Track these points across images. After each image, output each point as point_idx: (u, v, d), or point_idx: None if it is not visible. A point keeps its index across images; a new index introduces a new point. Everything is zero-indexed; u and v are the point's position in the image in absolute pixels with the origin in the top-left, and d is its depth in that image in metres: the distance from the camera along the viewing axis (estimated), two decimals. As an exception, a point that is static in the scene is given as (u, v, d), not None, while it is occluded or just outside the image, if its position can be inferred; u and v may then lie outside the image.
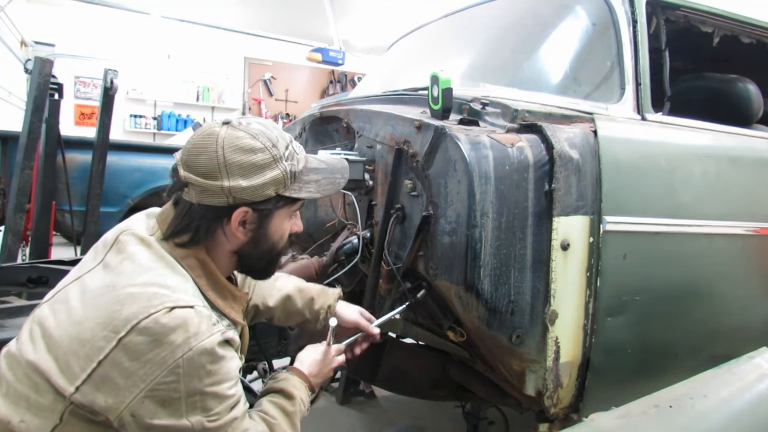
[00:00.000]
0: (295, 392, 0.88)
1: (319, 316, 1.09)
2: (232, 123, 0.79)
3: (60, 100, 2.90)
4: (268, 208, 0.80)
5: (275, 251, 0.86)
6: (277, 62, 8.31)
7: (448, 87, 1.05)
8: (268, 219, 0.82)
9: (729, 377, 0.90)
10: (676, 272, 1.21)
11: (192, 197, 0.78)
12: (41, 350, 0.72)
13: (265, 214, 0.81)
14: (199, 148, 0.77)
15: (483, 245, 1.00)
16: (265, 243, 0.84)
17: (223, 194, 0.77)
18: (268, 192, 0.79)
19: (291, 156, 0.82)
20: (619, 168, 1.11)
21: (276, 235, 0.85)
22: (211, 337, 0.71)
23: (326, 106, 1.64)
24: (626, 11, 1.28)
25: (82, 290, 0.75)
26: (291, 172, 0.81)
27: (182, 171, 0.78)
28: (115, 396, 0.68)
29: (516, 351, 1.06)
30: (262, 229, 0.82)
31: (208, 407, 0.72)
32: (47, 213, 2.87)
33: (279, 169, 0.79)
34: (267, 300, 1.08)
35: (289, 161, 0.81)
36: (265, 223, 0.82)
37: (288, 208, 0.84)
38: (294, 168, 0.82)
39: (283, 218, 0.85)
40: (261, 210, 0.80)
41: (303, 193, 0.83)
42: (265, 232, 0.83)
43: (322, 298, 1.10)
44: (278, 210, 0.82)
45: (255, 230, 0.82)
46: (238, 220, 0.79)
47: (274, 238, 0.84)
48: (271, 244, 0.85)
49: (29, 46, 6.17)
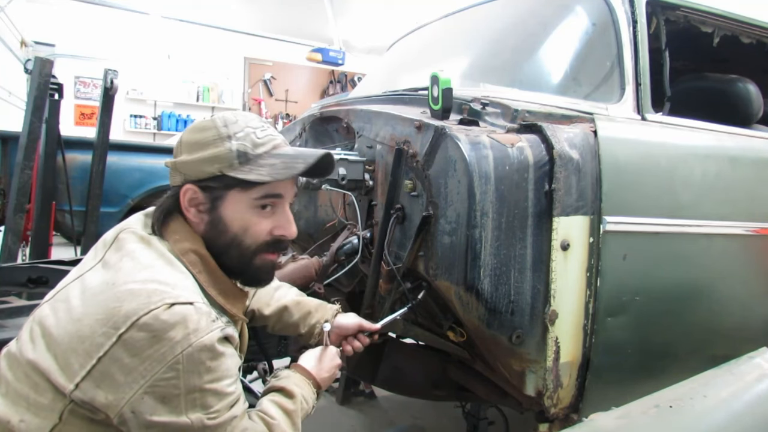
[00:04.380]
0: (296, 390, 0.87)
1: (313, 331, 1.06)
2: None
3: (60, 100, 2.90)
4: (213, 186, 0.79)
5: (242, 245, 0.81)
6: (277, 62, 8.31)
7: (448, 87, 1.05)
8: (219, 201, 0.79)
9: (729, 377, 0.90)
10: (677, 272, 1.21)
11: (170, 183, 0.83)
12: (41, 349, 0.72)
13: (216, 196, 0.79)
14: None
15: (483, 245, 0.99)
16: (224, 230, 0.80)
17: (176, 172, 0.80)
18: (209, 169, 0.78)
19: (245, 137, 0.79)
20: (619, 168, 1.10)
21: (235, 223, 0.80)
22: (211, 334, 0.71)
23: (326, 107, 1.64)
24: (626, 11, 1.28)
25: (82, 289, 0.75)
26: (238, 151, 0.78)
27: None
28: (115, 392, 0.68)
29: (516, 351, 1.06)
30: (215, 211, 0.80)
31: (208, 404, 0.72)
32: (47, 213, 2.87)
33: (223, 147, 0.78)
34: (263, 308, 1.07)
35: (239, 141, 0.78)
36: (218, 205, 0.79)
37: (243, 193, 0.79)
38: (245, 148, 0.78)
39: (240, 204, 0.79)
40: (209, 189, 0.79)
41: (252, 175, 0.78)
42: (220, 216, 0.80)
43: (320, 313, 1.07)
44: (229, 192, 0.79)
45: (209, 212, 0.80)
46: (186, 198, 0.80)
47: (233, 227, 0.80)
48: (233, 235, 0.80)
49: (29, 46, 6.17)
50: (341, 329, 1.06)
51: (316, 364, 0.94)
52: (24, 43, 6.25)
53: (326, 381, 0.95)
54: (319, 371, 0.93)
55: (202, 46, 7.62)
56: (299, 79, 8.55)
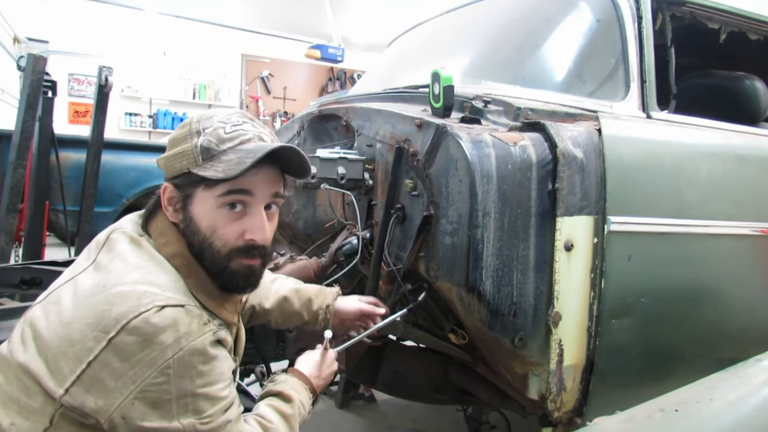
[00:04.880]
0: (293, 395, 0.86)
1: (317, 317, 1.07)
2: None
3: (53, 98, 2.88)
4: (182, 184, 0.77)
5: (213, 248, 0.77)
6: (275, 59, 8.27)
7: (449, 84, 1.04)
8: (190, 199, 0.77)
9: (736, 380, 0.90)
10: (682, 273, 1.20)
11: None
12: (32, 352, 0.70)
13: (187, 194, 0.77)
14: None
15: (485, 246, 0.98)
16: (196, 230, 0.77)
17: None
18: (178, 165, 0.76)
19: (212, 132, 0.76)
20: (623, 167, 1.09)
21: (203, 223, 0.76)
22: (202, 337, 0.70)
23: (325, 104, 1.63)
24: (631, 7, 1.27)
25: (74, 291, 0.73)
26: (202, 146, 0.75)
27: None
28: (105, 397, 0.67)
29: (519, 354, 1.05)
30: (186, 210, 0.78)
31: (200, 409, 0.70)
32: (40, 213, 2.86)
33: (190, 143, 0.76)
34: (263, 302, 1.06)
35: (205, 136, 0.75)
36: (188, 203, 0.77)
37: (208, 192, 0.75)
38: (208, 144, 0.75)
39: (206, 203, 0.76)
40: (179, 187, 0.77)
41: (209, 172, 0.74)
42: (191, 215, 0.77)
43: (320, 298, 1.08)
44: (197, 190, 0.76)
45: (181, 211, 0.78)
46: (166, 197, 0.79)
47: (202, 227, 0.76)
48: (203, 236, 0.77)
49: (22, 43, 6.12)
50: (342, 314, 1.07)
51: (314, 370, 0.93)
52: (17, 39, 6.20)
53: (322, 387, 0.95)
54: (316, 377, 0.92)
55: (198, 42, 7.57)
56: (297, 76, 8.50)
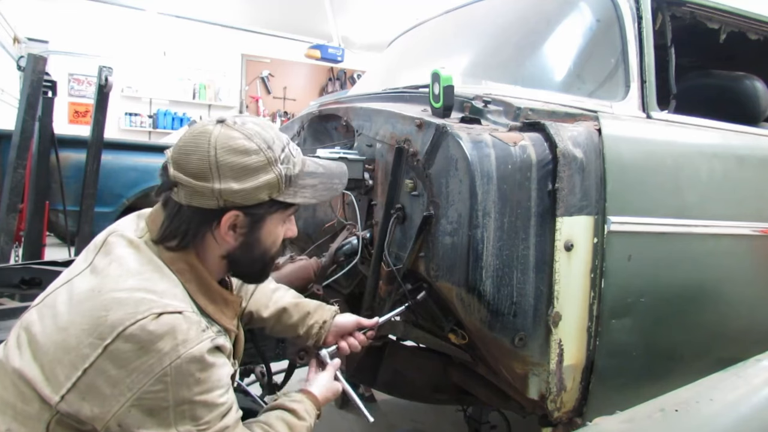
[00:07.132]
0: (306, 417, 0.87)
1: (311, 332, 1.06)
2: (227, 122, 0.76)
3: (53, 98, 2.88)
4: (260, 212, 0.77)
5: (267, 256, 0.83)
6: (275, 59, 8.27)
7: (449, 84, 1.04)
8: (260, 224, 0.79)
9: (736, 381, 0.89)
10: (682, 273, 1.20)
11: (181, 198, 0.75)
12: (27, 358, 0.70)
13: (257, 219, 0.78)
14: (191, 146, 0.74)
15: (485, 246, 0.98)
16: (256, 248, 0.81)
17: (213, 197, 0.74)
18: (260, 196, 0.76)
19: (287, 159, 0.78)
20: (623, 167, 1.09)
21: (268, 240, 0.81)
22: (201, 344, 0.69)
23: (325, 104, 1.62)
24: (631, 7, 1.27)
25: (69, 295, 0.73)
26: (286, 176, 0.78)
27: (172, 170, 0.75)
28: (101, 405, 0.66)
29: (519, 354, 1.05)
30: (253, 233, 0.79)
31: (198, 416, 0.70)
32: (40, 213, 2.85)
33: (273, 172, 0.76)
34: (262, 310, 1.06)
35: (284, 164, 0.78)
36: (257, 227, 0.79)
37: (281, 213, 0.81)
38: (290, 172, 0.78)
39: (276, 223, 0.81)
40: (253, 214, 0.77)
41: (298, 198, 0.80)
42: (257, 237, 0.80)
43: (318, 314, 1.07)
44: (271, 215, 0.79)
45: (246, 235, 0.79)
46: (228, 224, 0.76)
47: (266, 244, 0.81)
48: (263, 250, 0.82)
49: (22, 43, 6.11)
50: (339, 328, 1.06)
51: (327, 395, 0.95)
52: (17, 39, 6.19)
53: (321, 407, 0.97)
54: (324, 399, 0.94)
55: (198, 42, 7.57)
56: (297, 76, 8.50)
